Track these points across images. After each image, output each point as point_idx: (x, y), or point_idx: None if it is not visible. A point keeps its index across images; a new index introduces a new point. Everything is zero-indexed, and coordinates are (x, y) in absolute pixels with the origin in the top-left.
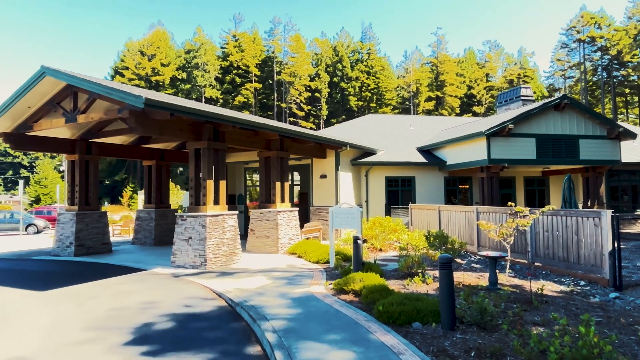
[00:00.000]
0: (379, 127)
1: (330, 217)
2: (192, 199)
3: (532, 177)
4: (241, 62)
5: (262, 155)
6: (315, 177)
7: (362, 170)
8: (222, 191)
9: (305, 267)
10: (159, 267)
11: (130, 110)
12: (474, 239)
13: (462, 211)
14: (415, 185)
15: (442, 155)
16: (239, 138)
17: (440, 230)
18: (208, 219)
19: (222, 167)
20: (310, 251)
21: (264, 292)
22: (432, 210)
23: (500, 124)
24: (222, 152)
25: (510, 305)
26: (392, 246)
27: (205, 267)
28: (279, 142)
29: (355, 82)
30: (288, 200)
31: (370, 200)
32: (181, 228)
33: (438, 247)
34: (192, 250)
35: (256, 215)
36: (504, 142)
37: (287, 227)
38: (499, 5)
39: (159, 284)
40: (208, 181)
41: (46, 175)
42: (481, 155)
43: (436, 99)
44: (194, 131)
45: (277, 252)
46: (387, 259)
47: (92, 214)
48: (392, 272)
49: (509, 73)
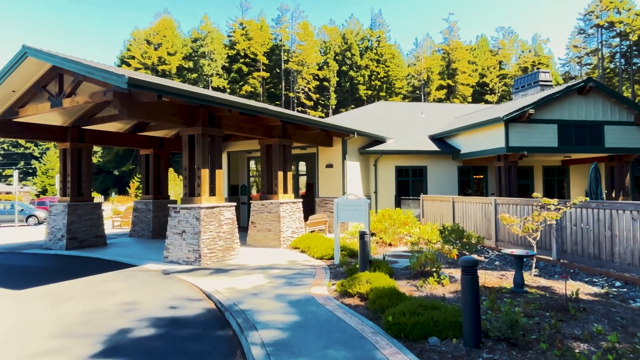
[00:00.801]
0: (389, 114)
1: (335, 210)
2: (186, 190)
3: (552, 167)
4: (248, 50)
5: (263, 143)
6: (321, 167)
7: (370, 160)
8: (219, 181)
9: (307, 264)
10: (150, 263)
11: (114, 92)
12: (492, 233)
13: (479, 203)
14: (427, 176)
15: (456, 143)
16: (238, 124)
17: (456, 223)
18: (202, 211)
19: (218, 155)
20: (314, 246)
21: (259, 293)
22: (445, 201)
23: (519, 109)
24: (218, 139)
25: (542, 313)
26: (403, 240)
27: (199, 263)
28: (281, 128)
29: (365, 70)
30: (291, 191)
31: (379, 191)
32: (174, 221)
33: (453, 243)
34: (186, 244)
35: (257, 207)
36: (524, 128)
37: (290, 219)
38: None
39: (146, 282)
40: (203, 170)
41: (53, 165)
42: (498, 143)
43: (447, 87)
44: (188, 116)
45: (279, 246)
46: (397, 254)
47: (85, 205)
48: (402, 271)
49: (523, 60)
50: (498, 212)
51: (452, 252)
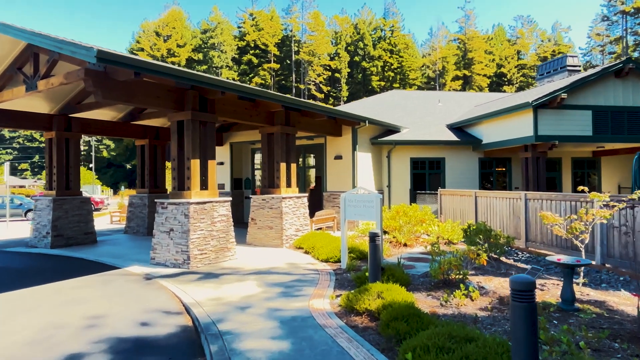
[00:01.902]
0: (403, 103)
1: (342, 206)
2: (175, 183)
3: (581, 159)
4: (259, 41)
5: (264, 131)
6: (329, 158)
7: (383, 151)
8: (212, 173)
9: (310, 268)
10: (135, 265)
11: (86, 70)
12: (521, 232)
13: (506, 198)
14: (445, 168)
15: (477, 132)
16: (234, 110)
17: (482, 222)
18: (192, 207)
19: (211, 144)
20: (319, 246)
21: (248, 306)
22: (466, 196)
23: (550, 93)
24: (210, 126)
25: (609, 344)
26: (419, 240)
27: (188, 266)
28: (284, 115)
29: (378, 61)
30: (295, 185)
31: (392, 185)
32: (161, 217)
33: (480, 244)
34: (174, 245)
35: (257, 202)
36: (555, 115)
37: (293, 216)
38: None
39: (124, 288)
40: (193, 161)
41: None
42: (526, 132)
43: (463, 78)
44: (176, 99)
45: (281, 245)
46: (413, 257)
47: (73, 200)
48: (421, 279)
49: (543, 50)
50: (529, 208)
51: (481, 257)
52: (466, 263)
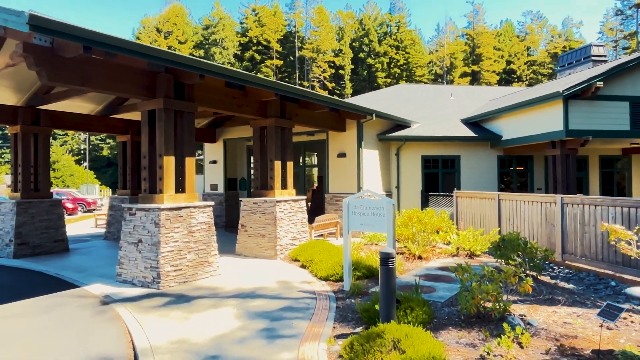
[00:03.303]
0: (412, 97)
1: (345, 214)
2: (146, 185)
3: (610, 157)
4: (261, 37)
5: (256, 124)
6: (332, 156)
7: (392, 148)
8: (190, 173)
9: (306, 289)
10: (98, 283)
11: (25, 45)
12: (556, 243)
13: (537, 201)
14: (460, 167)
15: (496, 127)
16: (219, 98)
17: (515, 233)
18: (164, 213)
19: (189, 138)
20: (318, 259)
21: (217, 356)
22: (487, 199)
23: (584, 82)
24: (189, 117)
25: None
26: (436, 251)
27: (158, 285)
28: (279, 106)
29: (384, 57)
30: (292, 186)
31: (402, 186)
32: (129, 226)
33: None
34: (142, 259)
35: (248, 206)
36: (588, 107)
37: (289, 222)
38: None
39: (68, 318)
40: (166, 158)
41: (57, 158)
42: (554, 126)
43: (472, 74)
44: (146, 84)
45: (274, 256)
46: (431, 274)
47: (41, 204)
48: (446, 309)
49: (553, 46)
50: (566, 214)
51: (526, 283)
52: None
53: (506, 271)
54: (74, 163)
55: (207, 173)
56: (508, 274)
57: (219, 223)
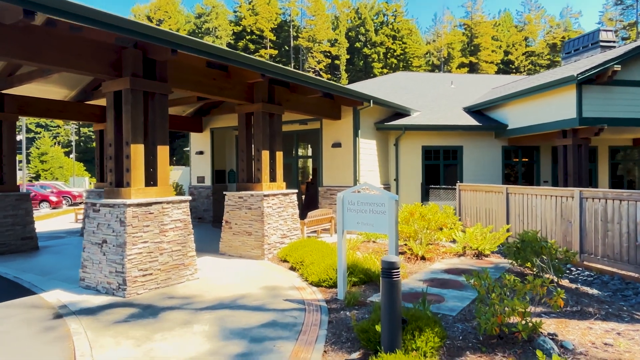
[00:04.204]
0: (411, 85)
1: (340, 210)
2: (112, 177)
3: (619, 147)
4: (255, 26)
5: (241, 110)
6: (326, 146)
7: (390, 138)
8: (163, 163)
9: (294, 298)
10: (59, 289)
11: None
12: (573, 242)
13: (551, 195)
14: (463, 158)
15: (501, 116)
16: (198, 79)
17: (533, 231)
18: (130, 210)
19: (161, 123)
20: (309, 261)
21: None
22: (494, 192)
23: (600, 65)
24: (161, 99)
25: None
26: (440, 250)
27: (124, 293)
28: (266, 89)
29: (380, 47)
30: (281, 179)
31: (401, 178)
32: (93, 224)
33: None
34: (107, 262)
35: (233, 200)
36: (603, 93)
37: (278, 218)
38: None
39: (10, 338)
40: (134, 146)
41: (46, 149)
42: (566, 113)
43: (469, 65)
44: (111, 61)
45: (261, 256)
46: (438, 279)
47: (6, 198)
48: (459, 325)
49: (552, 37)
50: (585, 210)
51: (558, 297)
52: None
53: (531, 280)
54: (63, 155)
55: (193, 165)
56: (535, 285)
57: (206, 218)
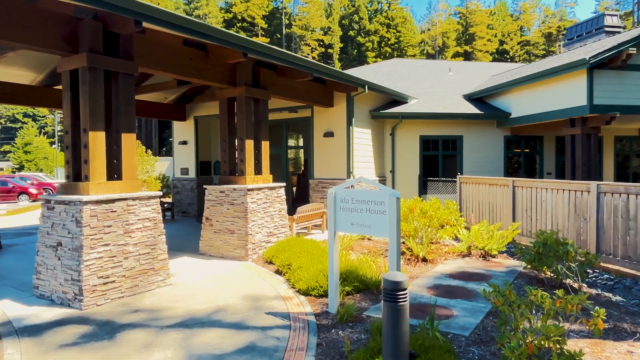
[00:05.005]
0: (407, 72)
1: (331, 209)
2: (69, 169)
3: (626, 137)
4: (246, 13)
5: (223, 94)
6: (317, 136)
7: (386, 127)
8: (129, 153)
9: (279, 311)
10: (8, 299)
11: None
12: (589, 241)
13: (564, 189)
14: (463, 149)
15: (503, 104)
16: (171, 59)
17: (552, 232)
18: (87, 208)
19: (126, 108)
20: (298, 264)
21: None
22: (499, 185)
23: (614, 47)
24: (126, 79)
25: None
26: (442, 249)
27: (80, 305)
28: (251, 71)
29: (374, 35)
30: (268, 171)
31: (397, 170)
32: (47, 224)
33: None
34: (62, 268)
35: (214, 195)
36: (616, 78)
37: (264, 214)
38: None
39: None
40: (92, 134)
41: (30, 140)
42: (576, 100)
43: (464, 54)
44: (66, 35)
45: (245, 257)
46: (443, 285)
47: None
48: (475, 350)
49: (547, 26)
50: (603, 205)
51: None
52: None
53: (562, 295)
54: (48, 145)
55: (176, 155)
56: (567, 300)
57: (190, 212)
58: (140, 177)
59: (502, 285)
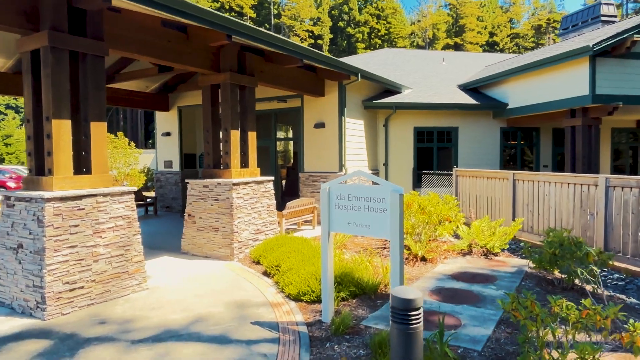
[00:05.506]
0: (399, 62)
1: (325, 206)
2: (31, 162)
3: (623, 129)
4: (234, 2)
5: (205, 81)
6: (308, 127)
7: (379, 118)
8: (99, 143)
9: (267, 320)
10: None
11: None
12: (595, 237)
13: (568, 183)
14: (459, 141)
15: (500, 94)
16: (148, 40)
17: (563, 230)
18: (50, 206)
19: (96, 94)
20: (287, 266)
21: None
22: (498, 179)
23: (618, 34)
24: (95, 61)
25: None
26: (441, 247)
27: (43, 314)
28: (236, 56)
29: (364, 27)
30: (255, 164)
31: (390, 163)
32: (7, 223)
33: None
34: (23, 273)
35: (197, 190)
36: (619, 67)
37: (251, 210)
38: None
39: None
40: (56, 122)
41: (11, 132)
42: (577, 90)
43: (454, 46)
44: (24, 10)
45: (231, 256)
46: (446, 289)
47: None
48: None
49: (537, 18)
50: (611, 200)
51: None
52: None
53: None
54: None
55: (159, 147)
56: (601, 314)
57: (174, 207)
58: (124, 171)
59: (506, 287)
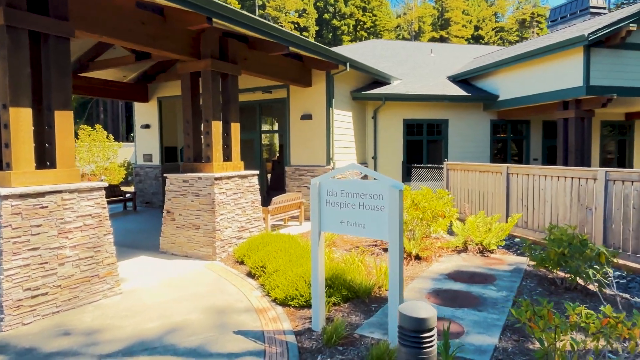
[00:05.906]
0: (388, 54)
1: (315, 203)
2: None
3: (611, 122)
4: None
5: (185, 68)
6: (294, 118)
7: (368, 109)
8: (64, 135)
9: (251, 329)
10: None
11: None
12: (594, 233)
13: (565, 177)
14: (448, 134)
15: (490, 86)
16: (119, 22)
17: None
18: (8, 204)
19: (60, 80)
20: (274, 266)
21: None
22: (491, 172)
23: (613, 24)
24: (58, 43)
25: None
26: (435, 245)
27: (0, 325)
28: (217, 42)
29: (350, 19)
30: (239, 157)
31: (379, 156)
32: None
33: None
34: None
35: (177, 185)
36: (613, 57)
37: (235, 206)
38: None
39: None
40: (15, 111)
41: None
42: (571, 81)
43: (440, 40)
44: None
45: (213, 255)
46: (444, 290)
47: None
48: None
49: (521, 13)
50: (611, 195)
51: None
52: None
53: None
54: None
55: (139, 140)
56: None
57: (154, 202)
58: (102, 165)
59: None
